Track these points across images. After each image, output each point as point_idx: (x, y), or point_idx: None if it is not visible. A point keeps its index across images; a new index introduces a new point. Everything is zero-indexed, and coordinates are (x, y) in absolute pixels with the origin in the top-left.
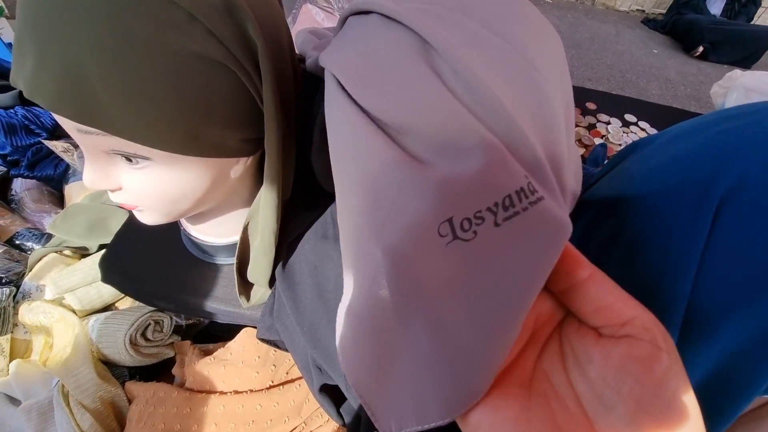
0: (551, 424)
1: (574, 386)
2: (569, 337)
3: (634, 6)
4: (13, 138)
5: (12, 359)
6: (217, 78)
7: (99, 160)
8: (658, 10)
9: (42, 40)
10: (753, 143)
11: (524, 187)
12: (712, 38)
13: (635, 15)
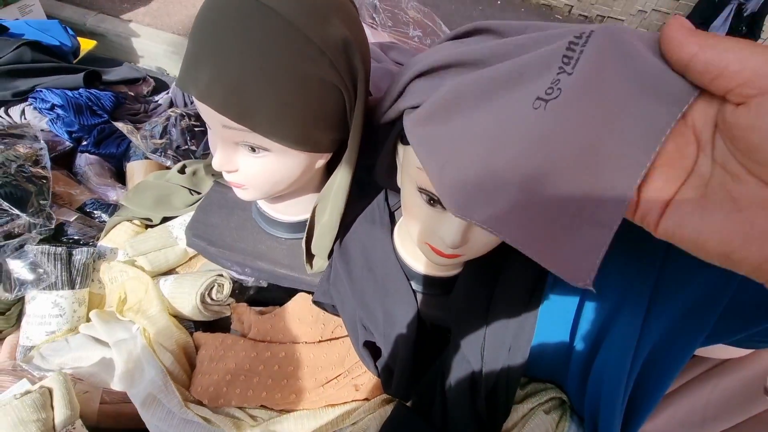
0: (728, 200)
1: (741, 164)
2: (724, 121)
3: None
4: (80, 117)
5: (89, 309)
6: (329, 95)
7: (228, 149)
8: None
9: (217, 62)
10: None
11: (571, 39)
12: None
13: None
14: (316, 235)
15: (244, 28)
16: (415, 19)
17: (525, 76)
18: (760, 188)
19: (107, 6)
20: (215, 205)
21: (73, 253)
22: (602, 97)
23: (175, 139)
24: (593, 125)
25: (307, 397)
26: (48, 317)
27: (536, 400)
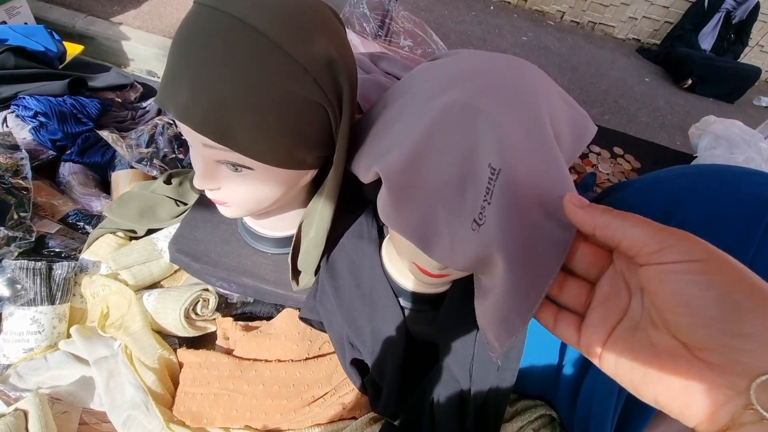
0: (650, 345)
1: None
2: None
3: (630, 35)
4: (64, 125)
5: (70, 325)
6: (313, 114)
7: (209, 167)
8: (653, 40)
9: (195, 81)
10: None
11: (490, 175)
12: (700, 72)
13: (631, 43)
14: (303, 251)
15: (225, 46)
16: (405, 28)
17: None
18: (670, 338)
19: (97, 8)
20: (200, 219)
21: (54, 267)
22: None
23: (161, 148)
24: (514, 244)
25: (293, 417)
26: (26, 334)
27: (525, 418)
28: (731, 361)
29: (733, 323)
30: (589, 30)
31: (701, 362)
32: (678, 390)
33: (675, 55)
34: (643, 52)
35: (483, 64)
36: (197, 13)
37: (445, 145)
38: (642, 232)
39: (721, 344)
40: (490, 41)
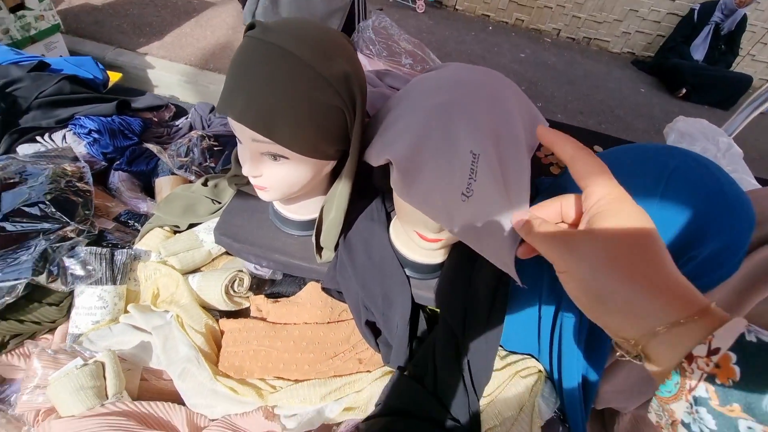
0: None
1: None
2: None
3: (625, 48)
4: (114, 140)
5: (126, 303)
6: (334, 116)
7: (255, 158)
8: (647, 53)
9: (249, 92)
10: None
11: (472, 159)
12: (694, 82)
13: (626, 56)
14: (324, 230)
15: (269, 66)
16: (406, 49)
17: (455, 176)
18: None
19: (125, 41)
20: (238, 209)
21: (115, 253)
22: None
23: (196, 158)
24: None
25: (318, 368)
26: (94, 309)
27: (514, 368)
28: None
29: (588, 312)
30: (584, 45)
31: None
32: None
33: (668, 66)
34: (638, 64)
35: (465, 74)
36: (248, 43)
37: (437, 135)
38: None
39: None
40: (490, 59)
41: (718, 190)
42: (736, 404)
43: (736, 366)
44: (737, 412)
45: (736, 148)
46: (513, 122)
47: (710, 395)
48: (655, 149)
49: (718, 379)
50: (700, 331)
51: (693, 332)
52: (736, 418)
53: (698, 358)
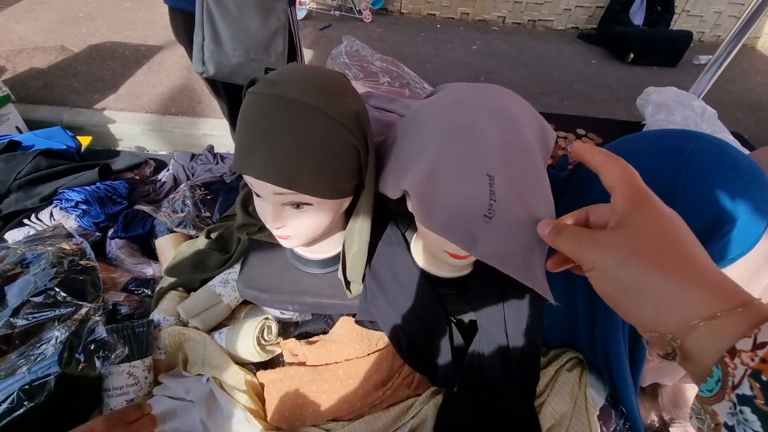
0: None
1: None
2: None
3: (569, 24)
4: (104, 208)
5: (154, 374)
6: (350, 154)
7: (277, 210)
8: (590, 25)
9: (268, 149)
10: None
11: (489, 181)
12: (639, 45)
13: (571, 32)
14: (349, 264)
15: (284, 120)
16: (381, 67)
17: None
18: None
19: (79, 100)
20: (256, 259)
21: (135, 326)
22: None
23: (191, 211)
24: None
25: (370, 403)
26: (126, 387)
27: (558, 363)
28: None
29: (619, 308)
30: (530, 28)
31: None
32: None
33: (612, 34)
34: (584, 38)
35: (466, 94)
36: (254, 100)
37: (450, 161)
38: (570, 246)
39: (626, 319)
40: (444, 56)
41: (734, 166)
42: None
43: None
44: None
45: (709, 109)
46: (522, 133)
47: (755, 393)
48: (668, 136)
49: (764, 375)
50: (743, 325)
51: (736, 326)
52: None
53: (742, 353)
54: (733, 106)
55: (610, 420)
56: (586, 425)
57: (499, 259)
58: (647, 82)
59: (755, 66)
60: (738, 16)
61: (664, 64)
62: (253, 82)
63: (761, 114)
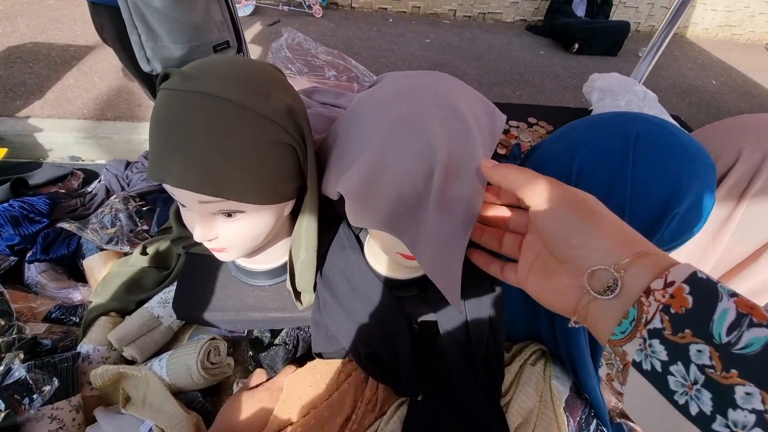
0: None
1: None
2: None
3: (517, 17)
4: (19, 228)
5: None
6: (285, 154)
7: (206, 220)
8: (537, 17)
9: (185, 153)
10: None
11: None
12: (583, 36)
13: (519, 24)
14: (298, 273)
15: (204, 119)
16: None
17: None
18: (554, 261)
19: None
20: (193, 275)
21: (57, 362)
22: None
23: (125, 225)
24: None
25: None
26: None
27: (522, 357)
28: (574, 267)
29: (570, 240)
30: (481, 21)
31: (565, 273)
32: (557, 295)
33: (557, 26)
34: (532, 29)
35: (407, 83)
36: (168, 97)
37: (394, 155)
38: (523, 179)
39: (568, 257)
40: (397, 50)
41: (680, 147)
42: (687, 330)
43: (689, 296)
44: (688, 338)
45: (650, 93)
46: (465, 122)
47: (665, 325)
48: (613, 121)
49: (673, 308)
50: (658, 266)
51: (654, 265)
52: (687, 343)
53: (655, 291)
54: (668, 91)
55: (576, 409)
56: (552, 419)
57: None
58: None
59: (686, 53)
60: (668, 6)
61: (607, 53)
62: (166, 76)
63: (693, 98)
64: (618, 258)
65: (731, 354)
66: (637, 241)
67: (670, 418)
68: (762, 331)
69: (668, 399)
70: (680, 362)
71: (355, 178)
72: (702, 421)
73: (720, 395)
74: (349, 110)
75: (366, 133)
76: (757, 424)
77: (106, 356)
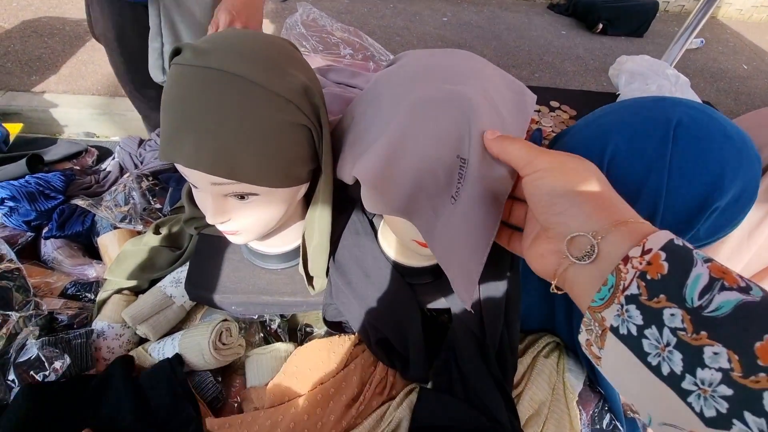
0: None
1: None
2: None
3: None
4: (35, 204)
5: None
6: (300, 135)
7: (218, 202)
8: None
9: (198, 132)
10: (617, 130)
11: (461, 163)
12: (608, 15)
13: (541, 2)
14: (311, 257)
15: (217, 97)
16: (342, 38)
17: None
18: (542, 229)
19: (14, 82)
20: (206, 257)
21: (71, 338)
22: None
23: (138, 203)
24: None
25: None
26: None
27: (535, 349)
28: (556, 233)
29: (553, 207)
30: None
31: (548, 239)
32: (539, 259)
33: (581, 5)
34: (554, 8)
35: (431, 62)
36: (180, 73)
37: (414, 139)
38: (521, 151)
39: (550, 223)
40: (413, 29)
41: (725, 135)
42: (662, 295)
43: (665, 262)
44: (662, 303)
45: (683, 77)
46: (492, 99)
47: (641, 291)
48: (651, 105)
49: (649, 274)
50: (637, 233)
51: (632, 234)
52: (661, 308)
53: (633, 259)
54: (695, 76)
55: (589, 403)
56: (564, 412)
57: (446, 250)
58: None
59: (717, 35)
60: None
61: (632, 34)
62: (178, 51)
63: (722, 83)
64: (598, 225)
65: (702, 317)
66: (618, 209)
67: (644, 378)
68: (732, 294)
69: (642, 361)
70: (654, 326)
71: (372, 162)
72: (672, 380)
73: (690, 356)
74: (367, 91)
75: (384, 115)
76: (722, 381)
77: (120, 333)
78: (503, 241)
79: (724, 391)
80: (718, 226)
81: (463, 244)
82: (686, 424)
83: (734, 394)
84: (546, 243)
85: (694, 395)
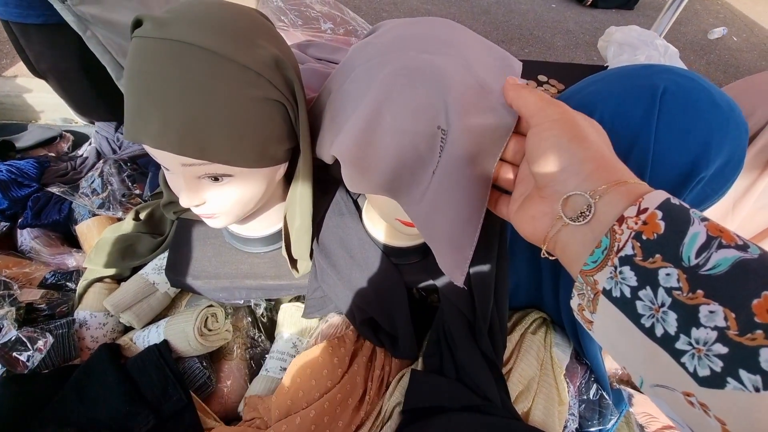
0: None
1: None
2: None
3: None
4: (8, 193)
5: None
6: (274, 110)
7: (192, 184)
8: None
9: (163, 109)
10: (603, 98)
11: (442, 135)
12: None
13: None
14: (293, 240)
15: (181, 72)
16: (322, 12)
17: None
18: (536, 190)
19: None
20: (185, 241)
21: (52, 328)
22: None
23: (117, 189)
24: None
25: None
26: None
27: (523, 326)
28: (553, 191)
29: (554, 161)
30: None
31: (541, 199)
32: (530, 222)
33: None
34: None
35: (409, 30)
36: (141, 46)
37: (392, 113)
38: (535, 98)
39: (548, 180)
40: (401, 4)
41: (712, 103)
42: (658, 255)
43: (661, 221)
44: (658, 263)
45: (672, 48)
46: (473, 68)
47: (636, 251)
48: (638, 73)
49: (645, 234)
50: (632, 194)
51: (629, 193)
52: (657, 268)
53: (628, 219)
54: (685, 48)
55: (576, 374)
56: (552, 386)
57: (428, 224)
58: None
59: (707, 7)
60: None
61: (623, 6)
62: (139, 22)
63: (712, 56)
64: (596, 184)
65: (698, 275)
66: (618, 169)
67: (636, 340)
68: (729, 252)
69: (635, 323)
70: (649, 287)
71: (350, 140)
72: (666, 341)
73: (685, 315)
74: (343, 63)
75: (361, 88)
76: (718, 339)
77: (103, 322)
78: (490, 204)
79: (719, 349)
80: (704, 196)
81: (450, 220)
82: (679, 384)
83: (729, 353)
84: (539, 204)
85: (687, 355)
